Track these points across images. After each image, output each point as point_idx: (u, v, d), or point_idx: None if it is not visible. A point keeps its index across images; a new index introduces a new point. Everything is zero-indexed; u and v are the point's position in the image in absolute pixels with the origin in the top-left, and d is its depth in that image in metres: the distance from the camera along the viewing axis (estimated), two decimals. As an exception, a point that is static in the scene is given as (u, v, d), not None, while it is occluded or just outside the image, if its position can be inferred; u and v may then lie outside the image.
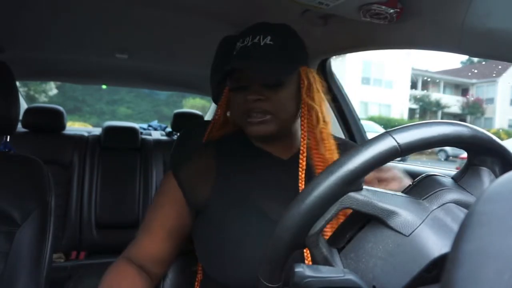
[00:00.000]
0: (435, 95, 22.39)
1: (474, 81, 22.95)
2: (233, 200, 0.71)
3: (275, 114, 0.70)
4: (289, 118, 0.74)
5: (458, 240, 0.25)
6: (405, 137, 0.38)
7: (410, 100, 21.31)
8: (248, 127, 0.71)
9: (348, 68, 17.61)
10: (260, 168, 0.75)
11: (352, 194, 0.39)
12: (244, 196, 0.72)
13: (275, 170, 0.75)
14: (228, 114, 0.83)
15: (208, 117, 2.70)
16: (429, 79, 23.29)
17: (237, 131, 0.80)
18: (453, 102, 22.24)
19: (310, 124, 0.72)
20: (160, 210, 0.76)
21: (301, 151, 0.71)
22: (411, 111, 21.30)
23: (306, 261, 0.65)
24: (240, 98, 0.71)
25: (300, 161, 0.71)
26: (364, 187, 0.40)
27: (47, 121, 2.04)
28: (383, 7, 0.75)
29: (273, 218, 0.67)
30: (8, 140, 1.05)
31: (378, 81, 19.60)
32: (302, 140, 0.72)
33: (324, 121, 0.71)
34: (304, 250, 0.65)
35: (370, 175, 0.69)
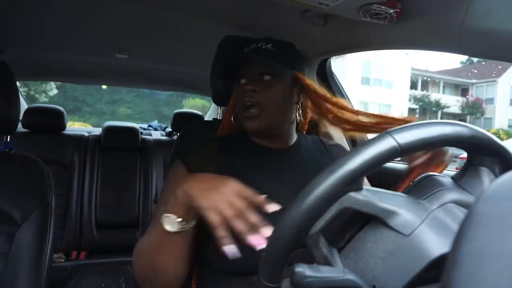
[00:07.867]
0: (434, 95, 22.41)
1: (473, 81, 22.97)
2: None
3: (265, 108, 0.77)
4: (279, 116, 0.80)
5: (458, 240, 0.25)
6: (405, 137, 0.38)
7: (410, 100, 21.33)
8: (245, 122, 0.79)
9: (348, 68, 17.60)
10: (259, 160, 0.81)
11: (352, 194, 0.39)
12: (247, 183, 0.74)
13: (274, 159, 0.82)
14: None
15: (208, 117, 2.70)
16: (428, 79, 23.29)
17: (237, 131, 0.88)
18: (452, 102, 22.26)
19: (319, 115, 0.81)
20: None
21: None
22: (411, 111, 21.32)
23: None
24: (240, 92, 0.79)
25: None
26: (364, 187, 0.40)
27: (47, 121, 2.04)
28: (383, 7, 0.76)
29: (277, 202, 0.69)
30: (8, 140, 1.05)
31: (378, 81, 19.60)
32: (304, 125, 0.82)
33: (336, 106, 0.78)
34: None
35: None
